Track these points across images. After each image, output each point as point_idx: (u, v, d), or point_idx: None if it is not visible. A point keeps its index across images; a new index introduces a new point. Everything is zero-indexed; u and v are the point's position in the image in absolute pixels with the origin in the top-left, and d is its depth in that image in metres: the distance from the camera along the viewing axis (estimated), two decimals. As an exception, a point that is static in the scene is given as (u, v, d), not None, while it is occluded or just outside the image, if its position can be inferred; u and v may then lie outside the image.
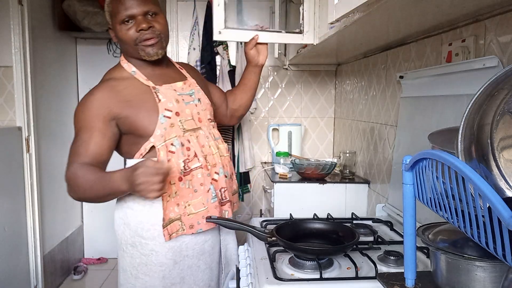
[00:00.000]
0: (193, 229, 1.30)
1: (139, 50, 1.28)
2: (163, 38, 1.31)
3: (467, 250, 0.74)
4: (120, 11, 1.25)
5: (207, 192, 1.31)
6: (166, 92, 1.31)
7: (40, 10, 2.66)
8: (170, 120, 1.28)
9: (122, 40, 1.29)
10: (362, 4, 0.86)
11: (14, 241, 2.33)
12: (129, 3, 1.24)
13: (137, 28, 1.25)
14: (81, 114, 1.26)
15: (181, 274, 1.33)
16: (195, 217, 1.30)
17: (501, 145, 0.67)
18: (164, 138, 1.26)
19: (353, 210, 1.72)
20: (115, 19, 1.27)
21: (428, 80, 1.30)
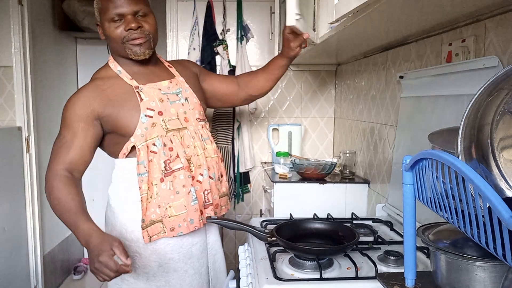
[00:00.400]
0: (173, 232, 1.27)
1: (126, 49, 1.27)
2: (152, 38, 1.31)
3: (467, 250, 0.74)
4: (109, 8, 1.24)
5: (188, 194, 1.27)
6: (150, 91, 1.29)
7: (40, 10, 2.66)
8: (152, 119, 1.26)
9: (110, 38, 1.28)
10: (362, 4, 0.86)
11: (14, 241, 2.33)
12: (119, 2, 1.23)
13: (126, 27, 1.24)
14: (66, 112, 1.26)
15: (167, 277, 1.30)
16: (176, 220, 1.26)
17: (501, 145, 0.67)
18: (145, 137, 1.25)
19: (353, 210, 1.72)
20: (104, 16, 1.26)
21: (428, 80, 1.30)
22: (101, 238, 1.11)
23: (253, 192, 2.54)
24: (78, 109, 1.24)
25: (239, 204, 2.55)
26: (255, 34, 2.49)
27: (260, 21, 2.48)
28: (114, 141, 1.30)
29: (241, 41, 2.42)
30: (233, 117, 2.41)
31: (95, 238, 1.12)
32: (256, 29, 2.48)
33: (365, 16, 1.00)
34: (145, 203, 1.25)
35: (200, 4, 2.42)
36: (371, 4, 0.89)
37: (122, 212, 1.31)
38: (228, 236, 2.59)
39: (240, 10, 2.44)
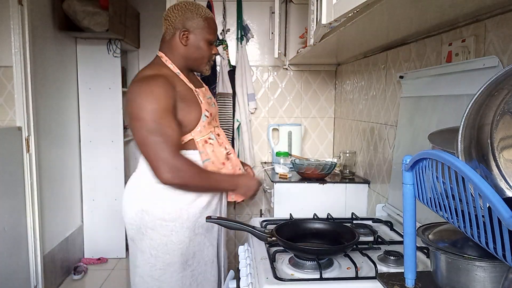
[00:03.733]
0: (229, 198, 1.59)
1: (204, 65, 1.53)
2: None
3: (467, 250, 0.74)
4: (212, 33, 1.48)
5: (239, 171, 1.58)
6: (201, 94, 1.50)
7: (40, 10, 2.66)
8: (208, 119, 1.48)
9: (200, 53, 1.49)
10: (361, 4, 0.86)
11: (14, 241, 2.33)
12: (215, 29, 1.51)
13: (214, 51, 1.52)
14: (151, 105, 1.34)
15: (194, 250, 1.49)
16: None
17: (501, 145, 0.67)
18: (202, 133, 1.46)
19: (353, 210, 1.72)
20: (204, 35, 1.47)
21: (428, 80, 1.30)
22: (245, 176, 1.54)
23: (253, 192, 2.54)
24: (165, 99, 1.36)
25: (239, 204, 2.55)
26: (255, 34, 2.49)
27: (260, 21, 2.48)
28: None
29: (241, 41, 2.42)
30: (233, 117, 2.41)
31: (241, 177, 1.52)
32: (256, 29, 2.48)
33: (365, 16, 1.00)
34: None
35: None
36: (371, 4, 0.89)
37: (166, 196, 1.44)
38: (228, 236, 2.59)
39: (240, 10, 2.44)
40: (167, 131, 1.34)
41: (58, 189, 2.91)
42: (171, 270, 1.45)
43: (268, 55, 2.50)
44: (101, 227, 3.33)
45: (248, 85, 2.43)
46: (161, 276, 1.45)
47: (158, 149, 1.33)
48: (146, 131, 1.33)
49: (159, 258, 1.45)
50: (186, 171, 1.36)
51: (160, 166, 1.33)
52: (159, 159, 1.33)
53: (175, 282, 1.46)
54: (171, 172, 1.34)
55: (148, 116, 1.32)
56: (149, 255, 1.46)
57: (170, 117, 1.35)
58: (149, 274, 1.46)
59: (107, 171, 3.29)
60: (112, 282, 2.99)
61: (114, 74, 3.26)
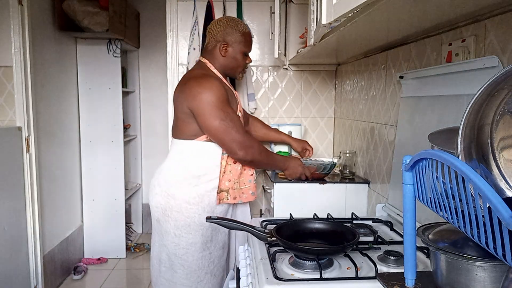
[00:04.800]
0: (235, 199, 1.73)
1: (238, 72, 1.80)
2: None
3: (467, 250, 0.74)
4: (248, 46, 1.76)
5: (251, 176, 1.76)
6: (237, 97, 1.76)
7: (40, 10, 2.66)
8: (240, 118, 1.70)
9: (236, 62, 1.75)
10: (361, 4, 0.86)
11: (14, 241, 2.33)
12: (251, 44, 1.79)
13: (247, 62, 1.78)
14: (215, 96, 1.59)
15: (211, 233, 1.69)
16: (238, 191, 1.73)
17: (501, 145, 0.67)
18: None
19: (353, 210, 1.72)
20: (241, 48, 1.73)
21: (428, 80, 1.30)
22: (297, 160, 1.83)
23: (253, 192, 2.54)
24: (222, 93, 1.61)
25: (239, 204, 2.55)
26: (255, 34, 2.49)
27: (260, 21, 2.48)
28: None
29: (241, 41, 2.42)
30: (233, 117, 2.41)
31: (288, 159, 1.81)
32: (256, 29, 2.48)
33: (365, 16, 1.00)
34: (222, 175, 1.68)
35: (200, 4, 2.42)
36: (371, 4, 0.89)
37: (190, 183, 1.67)
38: (228, 236, 2.59)
39: (240, 10, 2.44)
40: (233, 117, 1.62)
41: (58, 189, 2.90)
42: (193, 250, 1.65)
43: (268, 55, 2.50)
44: (101, 227, 3.33)
45: (248, 85, 2.43)
46: (184, 255, 1.66)
47: (231, 133, 1.60)
48: (218, 118, 1.58)
49: (182, 237, 1.66)
50: (255, 149, 1.64)
51: (234, 147, 1.61)
52: (233, 141, 1.61)
53: (196, 261, 1.66)
54: (244, 149, 1.62)
55: (216, 106, 1.58)
56: (173, 235, 1.66)
57: (229, 106, 1.62)
58: (173, 253, 1.67)
59: (107, 171, 3.29)
60: (112, 282, 2.99)
61: (114, 74, 3.26)
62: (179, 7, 2.45)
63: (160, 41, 3.64)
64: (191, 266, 1.67)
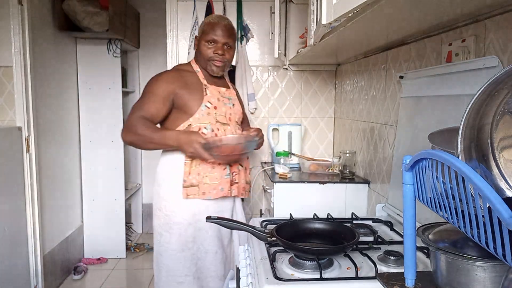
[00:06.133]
0: (204, 195, 1.64)
1: (208, 65, 1.70)
2: (227, 64, 1.74)
3: (467, 250, 0.74)
4: (209, 33, 1.68)
5: (223, 170, 1.66)
6: (213, 91, 1.70)
7: (40, 10, 2.66)
8: (209, 110, 1.66)
9: (201, 52, 1.70)
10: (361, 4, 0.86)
11: (14, 241, 2.33)
12: (218, 32, 1.67)
13: (215, 50, 1.67)
14: (153, 84, 1.65)
15: (193, 234, 1.65)
16: (208, 187, 1.64)
17: (501, 145, 0.67)
18: (200, 121, 1.64)
19: (353, 210, 1.72)
20: (204, 36, 1.69)
21: (428, 80, 1.30)
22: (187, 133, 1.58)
23: (253, 192, 2.54)
24: (164, 84, 1.64)
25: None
26: (255, 34, 2.49)
27: (260, 21, 2.48)
28: (176, 116, 1.66)
29: (241, 41, 2.42)
30: (233, 117, 2.41)
31: (183, 134, 1.58)
32: (256, 29, 2.48)
33: (365, 16, 1.00)
34: (189, 168, 1.63)
35: (200, 4, 2.42)
36: (371, 4, 0.89)
37: (168, 176, 1.67)
38: (228, 236, 2.59)
39: (240, 10, 2.44)
40: (145, 105, 1.60)
41: (58, 189, 2.90)
42: (171, 249, 1.64)
43: (268, 55, 2.50)
44: (101, 227, 3.32)
45: (248, 85, 2.43)
46: (164, 253, 1.65)
47: (129, 116, 1.61)
48: (133, 105, 1.63)
49: (162, 236, 1.66)
50: (137, 128, 1.56)
51: (125, 123, 1.61)
52: (125, 123, 1.62)
53: (175, 260, 1.64)
54: (125, 130, 1.60)
55: (141, 97, 1.64)
56: (157, 233, 1.68)
57: (156, 99, 1.60)
58: (157, 251, 1.68)
59: (107, 171, 3.29)
60: (112, 282, 2.99)
61: (114, 74, 3.26)
62: (179, 7, 2.45)
63: (160, 41, 3.64)
64: (169, 266, 1.64)
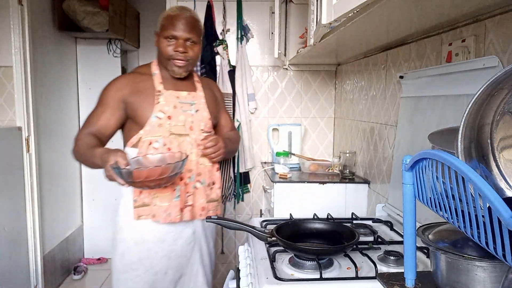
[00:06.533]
0: (154, 218, 1.48)
1: (169, 65, 1.49)
2: (191, 63, 1.52)
3: (467, 250, 0.74)
4: (168, 28, 1.46)
5: (173, 191, 1.47)
6: (169, 97, 1.50)
7: (40, 10, 2.66)
8: (160, 121, 1.47)
9: (160, 50, 1.50)
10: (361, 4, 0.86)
11: (14, 241, 2.33)
12: (178, 26, 1.45)
13: (175, 48, 1.45)
14: (103, 92, 1.52)
15: (139, 255, 1.49)
16: (158, 209, 1.47)
17: (501, 145, 0.67)
18: (150, 133, 1.46)
19: (353, 210, 1.72)
20: (162, 32, 1.47)
21: (428, 80, 1.30)
22: (109, 153, 1.32)
23: (253, 192, 2.54)
24: (113, 91, 1.49)
25: (239, 204, 2.55)
26: (255, 34, 2.49)
27: (260, 21, 2.48)
28: (130, 128, 1.52)
29: (241, 41, 2.42)
30: (233, 117, 2.41)
31: (104, 154, 1.34)
32: (256, 29, 2.48)
33: (365, 16, 1.00)
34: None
35: (200, 4, 2.42)
36: (371, 4, 0.89)
37: (126, 191, 1.50)
38: (228, 236, 2.59)
39: (240, 10, 2.44)
40: (93, 118, 1.49)
41: (58, 189, 2.90)
42: (114, 269, 1.53)
43: (268, 55, 2.50)
44: (101, 227, 3.32)
45: (248, 85, 2.43)
46: (112, 273, 1.55)
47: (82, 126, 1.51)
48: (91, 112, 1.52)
49: (112, 253, 1.56)
50: (78, 146, 1.44)
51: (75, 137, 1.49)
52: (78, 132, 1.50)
53: (121, 281, 1.51)
54: (73, 148, 1.47)
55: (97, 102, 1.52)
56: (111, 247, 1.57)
57: (104, 109, 1.48)
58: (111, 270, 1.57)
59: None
60: (112, 282, 2.99)
61: (114, 74, 3.25)
62: (179, 7, 2.44)
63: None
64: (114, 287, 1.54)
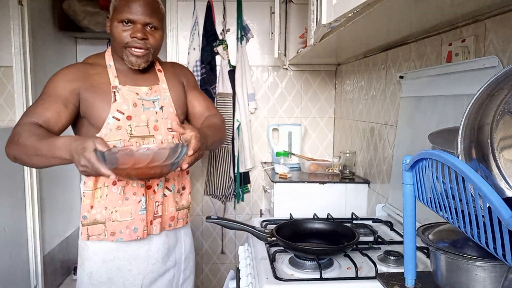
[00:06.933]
0: (113, 236, 1.28)
1: (124, 54, 1.27)
2: (152, 52, 1.30)
3: (467, 250, 0.74)
4: (123, 10, 1.24)
5: (138, 203, 1.28)
6: (127, 93, 1.29)
7: (40, 10, 2.66)
8: (118, 122, 1.27)
9: (114, 37, 1.28)
10: (361, 4, 0.86)
11: (14, 241, 2.33)
12: (135, 8, 1.24)
13: (132, 34, 1.24)
14: (51, 82, 1.27)
15: (109, 274, 1.31)
16: (118, 225, 1.28)
17: (501, 145, 0.67)
18: (108, 137, 1.24)
19: (353, 210, 1.72)
20: (116, 15, 1.25)
21: (428, 80, 1.30)
22: (81, 139, 1.06)
23: (253, 192, 2.54)
24: (63, 82, 1.26)
25: (239, 204, 2.55)
26: (255, 34, 2.49)
27: (260, 21, 2.48)
28: (83, 129, 1.31)
29: (241, 41, 2.42)
30: (233, 117, 2.41)
31: (75, 141, 1.06)
32: (256, 29, 2.48)
33: (365, 16, 1.00)
34: (90, 200, 1.27)
35: (200, 4, 2.42)
36: (371, 4, 0.89)
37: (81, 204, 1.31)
38: (228, 236, 2.59)
39: (240, 10, 2.44)
40: (38, 108, 1.21)
41: (58, 189, 2.90)
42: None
43: (268, 55, 2.50)
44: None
45: (248, 85, 2.43)
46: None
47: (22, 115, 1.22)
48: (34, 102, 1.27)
49: (78, 271, 1.37)
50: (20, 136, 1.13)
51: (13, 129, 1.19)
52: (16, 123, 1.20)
53: None
54: (8, 141, 1.17)
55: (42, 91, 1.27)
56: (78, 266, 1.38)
57: (53, 99, 1.22)
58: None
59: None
60: (112, 282, 2.99)
61: (114, 74, 3.27)
62: (179, 7, 2.45)
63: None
64: None
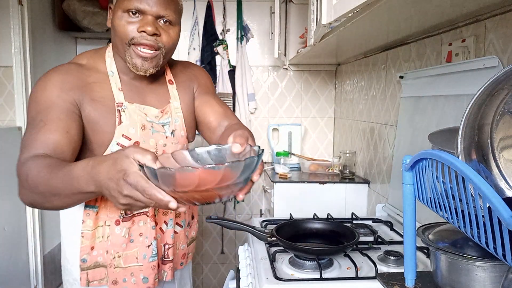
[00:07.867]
0: (115, 285, 1.06)
1: (127, 54, 0.98)
2: (164, 54, 1.01)
3: (467, 250, 0.74)
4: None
5: (147, 248, 1.06)
6: (134, 113, 1.03)
7: (40, 10, 2.66)
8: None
9: (116, 31, 0.99)
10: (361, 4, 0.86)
11: (14, 241, 2.33)
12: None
13: (140, 27, 0.96)
14: (42, 92, 0.95)
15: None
16: (122, 272, 1.06)
17: (501, 145, 0.67)
18: None
19: (353, 210, 1.72)
20: (121, 3, 0.97)
21: (428, 80, 1.30)
22: (109, 158, 0.74)
23: (253, 192, 2.54)
24: (58, 91, 0.96)
25: (239, 204, 2.55)
26: (255, 34, 2.49)
27: (260, 21, 2.48)
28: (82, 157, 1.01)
29: (241, 41, 2.42)
30: (233, 117, 2.41)
31: (101, 164, 0.74)
32: (256, 29, 2.48)
33: (365, 16, 1.00)
34: (90, 241, 1.05)
35: (200, 4, 2.42)
36: (371, 4, 0.89)
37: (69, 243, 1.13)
38: (228, 236, 2.59)
39: (240, 10, 2.44)
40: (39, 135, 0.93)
41: (58, 189, 2.90)
42: None
43: (268, 55, 2.50)
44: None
45: (248, 85, 2.43)
46: None
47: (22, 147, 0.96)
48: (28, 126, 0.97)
49: None
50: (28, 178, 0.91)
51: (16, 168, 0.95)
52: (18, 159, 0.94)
53: None
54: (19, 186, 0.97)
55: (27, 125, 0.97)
56: None
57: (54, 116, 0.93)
58: None
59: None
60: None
61: (114, 74, 3.26)
62: (179, 7, 2.45)
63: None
64: None
